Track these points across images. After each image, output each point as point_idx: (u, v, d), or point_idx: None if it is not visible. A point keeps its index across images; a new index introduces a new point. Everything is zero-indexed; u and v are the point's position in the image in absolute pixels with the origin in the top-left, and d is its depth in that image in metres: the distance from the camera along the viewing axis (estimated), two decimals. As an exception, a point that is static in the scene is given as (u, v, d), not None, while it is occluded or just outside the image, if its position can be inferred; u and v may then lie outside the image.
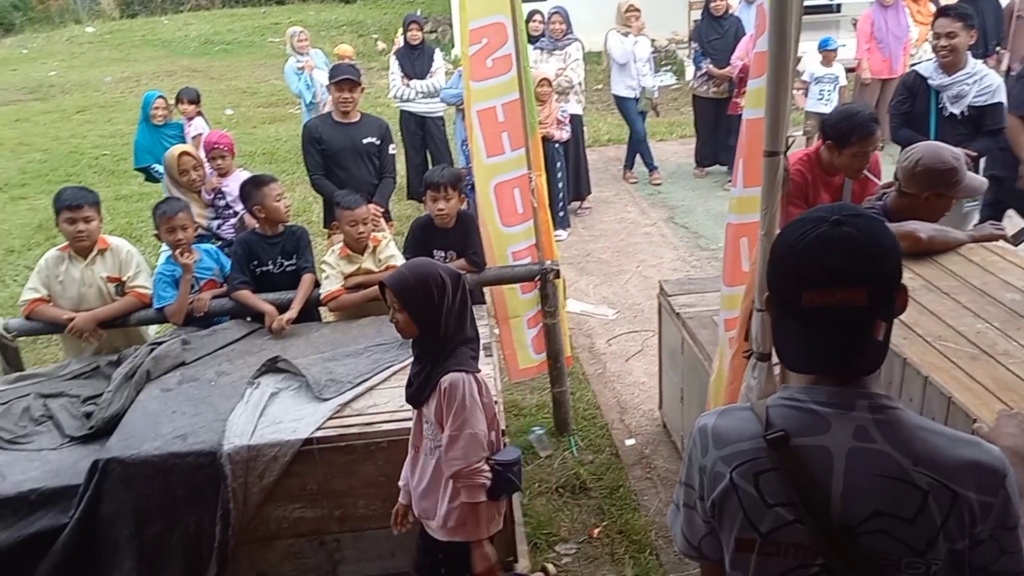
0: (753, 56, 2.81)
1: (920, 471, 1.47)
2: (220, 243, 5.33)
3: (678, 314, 4.30)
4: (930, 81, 5.14)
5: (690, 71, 11.16)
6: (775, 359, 2.77)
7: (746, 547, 1.58)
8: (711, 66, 8.88)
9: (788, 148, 2.51)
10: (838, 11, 13.66)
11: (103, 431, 3.52)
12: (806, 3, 2.61)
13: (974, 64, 5.12)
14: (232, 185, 5.46)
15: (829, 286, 1.48)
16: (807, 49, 8.50)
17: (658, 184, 9.32)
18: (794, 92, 5.46)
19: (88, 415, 3.68)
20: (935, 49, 5.15)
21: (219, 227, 5.57)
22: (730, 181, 7.64)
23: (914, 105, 5.22)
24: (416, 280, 2.83)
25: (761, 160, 2.50)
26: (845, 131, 3.83)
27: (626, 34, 8.58)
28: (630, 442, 4.79)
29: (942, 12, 5.25)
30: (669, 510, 1.78)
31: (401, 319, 2.87)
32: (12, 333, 4.26)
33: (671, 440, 4.72)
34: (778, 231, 2.55)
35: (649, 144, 9.43)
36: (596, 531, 4.06)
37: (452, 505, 2.91)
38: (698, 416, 1.71)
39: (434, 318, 2.84)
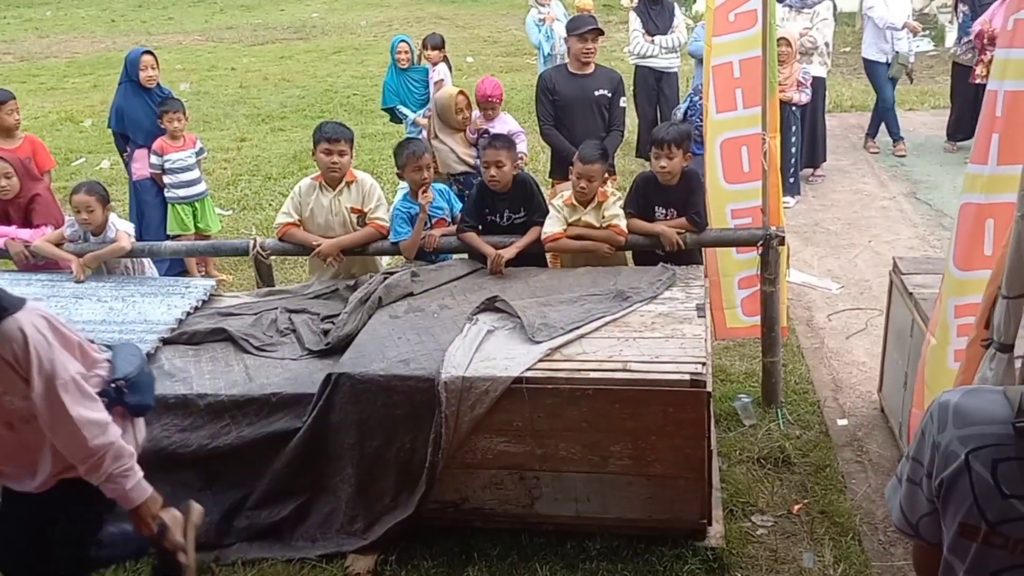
0: (1015, 22, 2.59)
1: None
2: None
3: (911, 294, 4.04)
4: None
5: (950, 37, 10.24)
6: (1018, 351, 2.57)
7: (969, 533, 1.51)
8: (981, 31, 8.09)
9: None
10: None
11: (337, 348, 3.87)
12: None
13: None
14: (498, 127, 5.79)
15: None
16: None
17: (902, 156, 8.71)
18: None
19: (325, 332, 4.04)
20: None
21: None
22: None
23: None
24: None
25: (1022, 137, 2.31)
26: None
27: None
28: (842, 422, 4.59)
29: None
30: (889, 483, 1.72)
31: None
32: (267, 252, 4.73)
33: (888, 425, 4.48)
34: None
35: (896, 113, 8.81)
36: (796, 507, 3.95)
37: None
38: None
39: None
